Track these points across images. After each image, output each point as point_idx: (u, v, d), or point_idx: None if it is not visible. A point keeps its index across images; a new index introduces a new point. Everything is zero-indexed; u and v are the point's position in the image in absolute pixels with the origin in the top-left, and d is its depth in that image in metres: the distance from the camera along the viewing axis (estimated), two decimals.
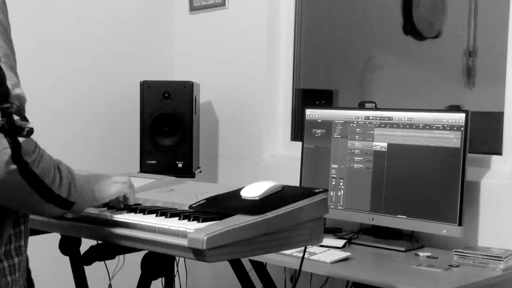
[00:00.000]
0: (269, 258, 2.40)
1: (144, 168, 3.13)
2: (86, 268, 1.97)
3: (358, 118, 2.79)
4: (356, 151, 2.78)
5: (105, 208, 1.72)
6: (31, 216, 1.45)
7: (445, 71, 3.79)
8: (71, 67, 3.40)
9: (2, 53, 1.25)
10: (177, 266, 3.20)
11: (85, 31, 3.45)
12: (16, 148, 1.22)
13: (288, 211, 1.55)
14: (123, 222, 1.61)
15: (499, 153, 2.64)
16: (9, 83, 1.23)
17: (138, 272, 1.71)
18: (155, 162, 3.15)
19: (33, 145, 1.26)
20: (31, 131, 1.25)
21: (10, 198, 1.28)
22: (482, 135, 2.98)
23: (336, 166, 2.85)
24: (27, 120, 1.26)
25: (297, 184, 2.94)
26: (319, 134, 2.91)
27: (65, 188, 1.36)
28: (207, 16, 3.65)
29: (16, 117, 1.23)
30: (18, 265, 1.37)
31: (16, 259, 1.36)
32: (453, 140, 2.50)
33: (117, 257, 1.75)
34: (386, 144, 2.67)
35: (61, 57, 3.36)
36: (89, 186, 1.53)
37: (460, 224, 2.46)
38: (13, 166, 1.22)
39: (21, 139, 1.23)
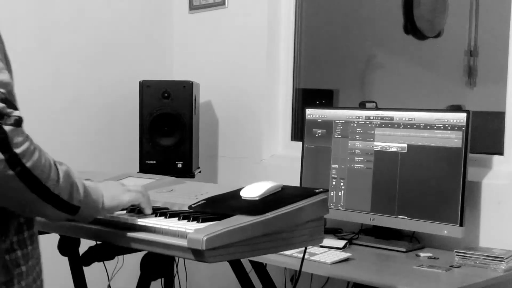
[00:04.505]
0: (269, 259, 2.39)
1: (144, 168, 3.12)
2: (85, 268, 1.96)
3: (359, 118, 2.77)
4: (356, 151, 2.77)
5: None
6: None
7: (446, 71, 3.78)
8: (70, 67, 3.39)
9: None
10: (176, 266, 3.19)
11: (84, 30, 3.44)
12: (1, 137, 1.15)
13: (288, 212, 1.54)
14: (122, 223, 1.60)
15: (500, 153, 2.63)
16: None
17: (137, 273, 1.70)
18: (154, 162, 3.14)
19: (23, 136, 1.19)
20: (19, 120, 1.18)
21: (3, 195, 1.22)
22: (483, 135, 2.97)
23: (336, 166, 2.83)
24: (15, 108, 1.18)
25: (297, 184, 2.93)
26: (320, 134, 2.90)
27: (65, 190, 1.28)
28: (206, 16, 3.64)
29: (1, 105, 1.15)
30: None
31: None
32: (454, 140, 2.49)
33: (116, 257, 1.74)
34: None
35: (60, 57, 3.34)
36: (98, 193, 1.44)
37: (461, 225, 2.45)
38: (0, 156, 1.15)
39: (7, 128, 1.15)
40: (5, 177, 1.17)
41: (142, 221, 1.57)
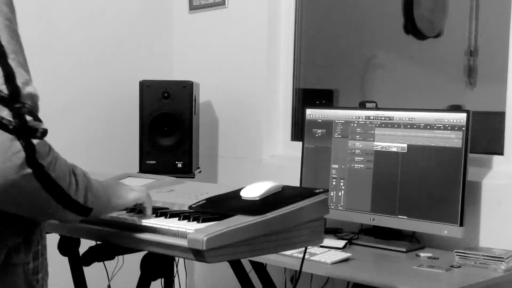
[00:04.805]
0: (269, 259, 2.39)
1: (144, 168, 3.12)
2: (85, 269, 1.96)
3: (359, 118, 2.77)
4: (356, 151, 2.77)
5: None
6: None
7: (446, 71, 3.77)
8: (70, 67, 3.38)
9: (11, 50, 1.17)
10: (176, 266, 3.19)
11: (84, 30, 3.44)
12: (30, 150, 1.15)
13: (288, 212, 1.54)
14: (122, 223, 1.60)
15: (500, 153, 2.63)
16: (19, 81, 1.16)
17: (137, 273, 1.70)
18: (154, 162, 3.14)
19: (48, 147, 1.20)
20: (45, 132, 1.18)
21: (25, 205, 1.22)
22: (483, 135, 2.97)
23: (336, 166, 2.83)
24: (40, 121, 1.18)
25: (297, 184, 2.93)
26: (320, 134, 2.89)
27: (82, 194, 1.29)
28: (207, 15, 3.64)
29: (29, 118, 1.16)
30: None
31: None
32: (454, 140, 2.49)
33: (116, 257, 1.73)
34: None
35: (60, 57, 3.34)
36: (105, 192, 1.45)
37: (461, 225, 2.45)
38: (28, 170, 1.14)
39: (35, 141, 1.16)
40: (32, 189, 1.18)
41: (142, 221, 1.57)
